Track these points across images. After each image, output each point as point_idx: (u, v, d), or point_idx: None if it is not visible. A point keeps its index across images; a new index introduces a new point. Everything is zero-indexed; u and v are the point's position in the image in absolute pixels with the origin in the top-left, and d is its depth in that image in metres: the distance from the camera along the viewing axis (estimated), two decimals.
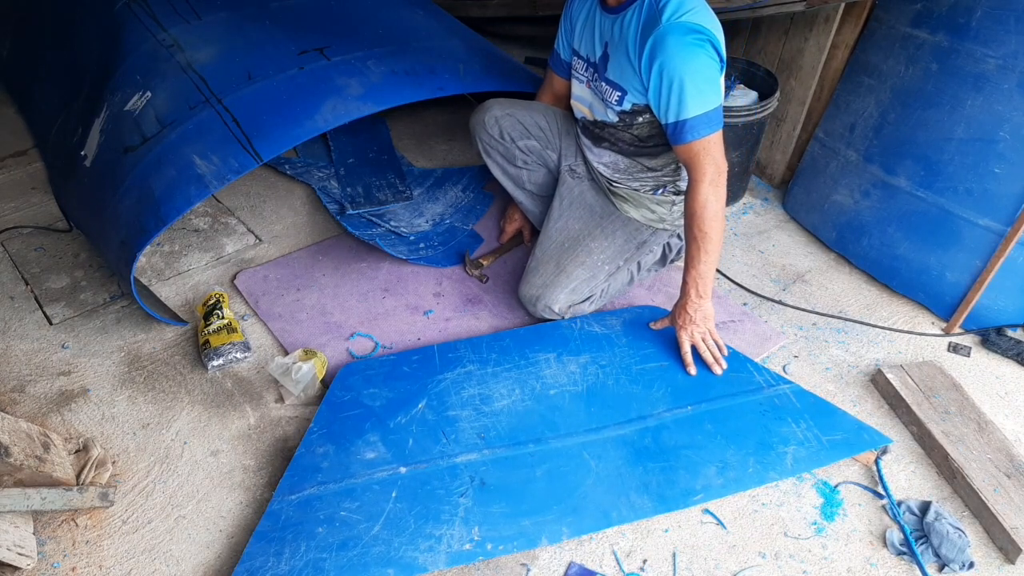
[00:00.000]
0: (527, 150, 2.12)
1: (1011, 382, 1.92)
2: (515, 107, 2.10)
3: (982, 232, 1.94)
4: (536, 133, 2.10)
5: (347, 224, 2.29)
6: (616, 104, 1.82)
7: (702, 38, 1.62)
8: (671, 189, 1.97)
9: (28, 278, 2.19)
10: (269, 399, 1.85)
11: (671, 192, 1.97)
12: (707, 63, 1.64)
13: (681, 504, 1.58)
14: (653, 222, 2.01)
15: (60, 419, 1.79)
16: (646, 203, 1.99)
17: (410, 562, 1.45)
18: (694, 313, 1.81)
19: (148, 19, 2.18)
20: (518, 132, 2.10)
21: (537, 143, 2.11)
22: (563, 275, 1.93)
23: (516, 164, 2.15)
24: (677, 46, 1.61)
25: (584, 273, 1.94)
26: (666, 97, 1.66)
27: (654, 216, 2.00)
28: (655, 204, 1.99)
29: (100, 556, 1.52)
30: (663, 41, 1.62)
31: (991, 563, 1.53)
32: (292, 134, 1.89)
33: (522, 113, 2.10)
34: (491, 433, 1.70)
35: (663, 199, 1.98)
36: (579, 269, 1.94)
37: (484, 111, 2.11)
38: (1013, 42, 1.78)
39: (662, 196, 1.98)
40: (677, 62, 1.62)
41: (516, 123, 2.09)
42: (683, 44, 1.61)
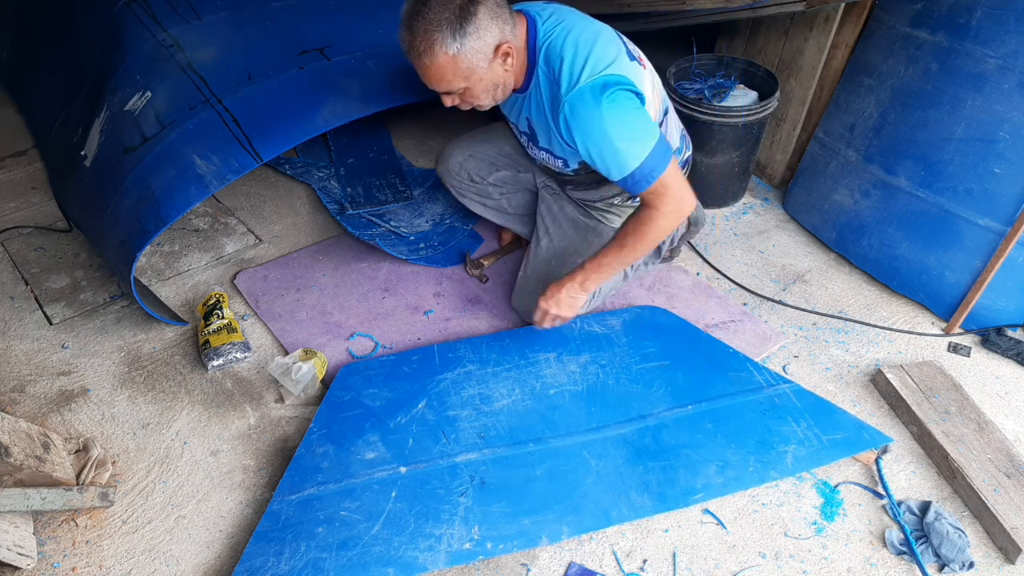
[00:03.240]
0: (500, 182, 2.08)
1: (1011, 382, 1.92)
2: (475, 144, 2.06)
3: (982, 232, 1.94)
4: (504, 162, 2.05)
5: (347, 224, 2.29)
6: (563, 167, 1.81)
7: (607, 91, 1.53)
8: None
9: (28, 278, 2.19)
10: (269, 399, 1.85)
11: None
12: (624, 114, 1.55)
13: (681, 503, 1.58)
14: None
15: (60, 419, 1.79)
16: (626, 212, 1.94)
17: (410, 561, 1.46)
18: (567, 298, 1.79)
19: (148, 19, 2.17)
20: (485, 169, 2.06)
21: (508, 171, 2.07)
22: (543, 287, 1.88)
23: (493, 198, 2.12)
24: (587, 114, 1.53)
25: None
26: (602, 162, 1.58)
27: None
28: (629, 211, 1.92)
29: (100, 556, 1.52)
30: (572, 114, 1.55)
31: (991, 563, 1.53)
32: (292, 134, 1.89)
33: (484, 148, 2.05)
34: (491, 432, 1.70)
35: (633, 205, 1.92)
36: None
37: (446, 160, 2.08)
38: (1013, 42, 1.78)
39: (631, 202, 1.92)
40: (595, 129, 1.54)
41: (480, 162, 2.06)
42: (592, 109, 1.53)
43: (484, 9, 1.46)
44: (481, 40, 1.48)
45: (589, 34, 1.59)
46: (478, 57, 1.50)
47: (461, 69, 1.50)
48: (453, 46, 1.46)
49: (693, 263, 2.29)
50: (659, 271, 2.22)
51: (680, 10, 2.39)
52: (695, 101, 2.31)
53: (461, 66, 1.50)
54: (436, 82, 1.55)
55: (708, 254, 2.31)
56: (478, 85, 1.56)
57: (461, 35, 1.45)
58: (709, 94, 2.43)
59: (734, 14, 2.30)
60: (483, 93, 1.59)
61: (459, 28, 1.44)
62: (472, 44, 1.47)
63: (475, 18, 1.45)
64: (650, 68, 1.73)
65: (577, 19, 1.63)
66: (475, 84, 1.55)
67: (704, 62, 2.54)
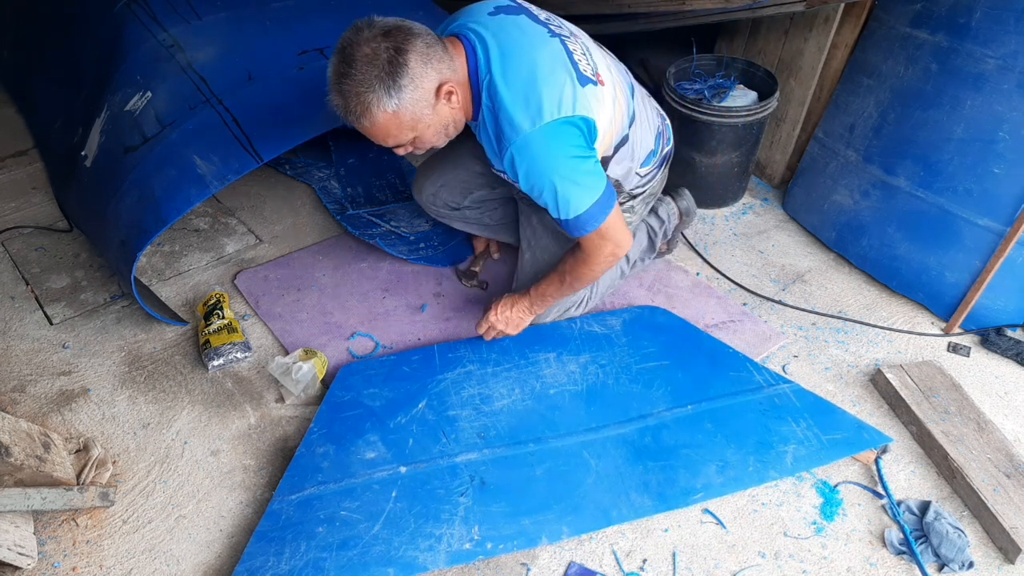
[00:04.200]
0: (476, 203, 2.03)
1: (1010, 382, 1.93)
2: (445, 171, 1.98)
3: (981, 232, 1.94)
4: (477, 182, 1.97)
5: (347, 224, 2.29)
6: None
7: (553, 139, 1.46)
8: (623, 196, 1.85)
9: (28, 278, 2.19)
10: (269, 399, 1.85)
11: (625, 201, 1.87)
12: (570, 165, 1.49)
13: (681, 503, 1.58)
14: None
15: (60, 419, 1.79)
16: None
17: (410, 561, 1.46)
18: (515, 316, 1.83)
19: (148, 19, 2.17)
20: (459, 193, 2.00)
21: (483, 191, 1.99)
22: None
23: (473, 217, 2.08)
24: (532, 162, 1.47)
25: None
26: (544, 203, 1.55)
27: None
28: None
29: (100, 556, 1.52)
30: (518, 160, 1.48)
31: (991, 563, 1.53)
32: (292, 134, 1.89)
33: (454, 174, 1.97)
34: (491, 432, 1.70)
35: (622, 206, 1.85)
36: None
37: (419, 191, 2.03)
38: (1013, 42, 1.78)
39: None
40: (539, 177, 1.49)
41: (452, 190, 1.99)
42: (537, 158, 1.46)
43: (414, 56, 1.37)
44: (419, 89, 1.39)
45: (532, 62, 1.46)
46: (419, 106, 1.42)
47: (405, 123, 1.43)
48: (391, 103, 1.37)
49: (693, 263, 2.29)
50: (659, 271, 2.22)
51: (680, 10, 2.40)
52: (695, 101, 2.31)
53: (404, 120, 1.42)
54: (383, 139, 1.47)
55: (708, 254, 2.32)
56: (427, 132, 1.49)
57: (396, 89, 1.36)
58: (709, 94, 2.43)
59: (734, 14, 2.30)
60: (435, 136, 1.52)
61: (392, 83, 1.35)
62: (410, 95, 1.38)
63: (407, 68, 1.36)
64: (611, 81, 1.59)
65: (517, 40, 1.50)
66: (424, 131, 1.48)
67: (704, 62, 2.54)
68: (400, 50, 1.35)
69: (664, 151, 1.89)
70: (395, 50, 1.35)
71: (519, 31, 1.51)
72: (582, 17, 2.51)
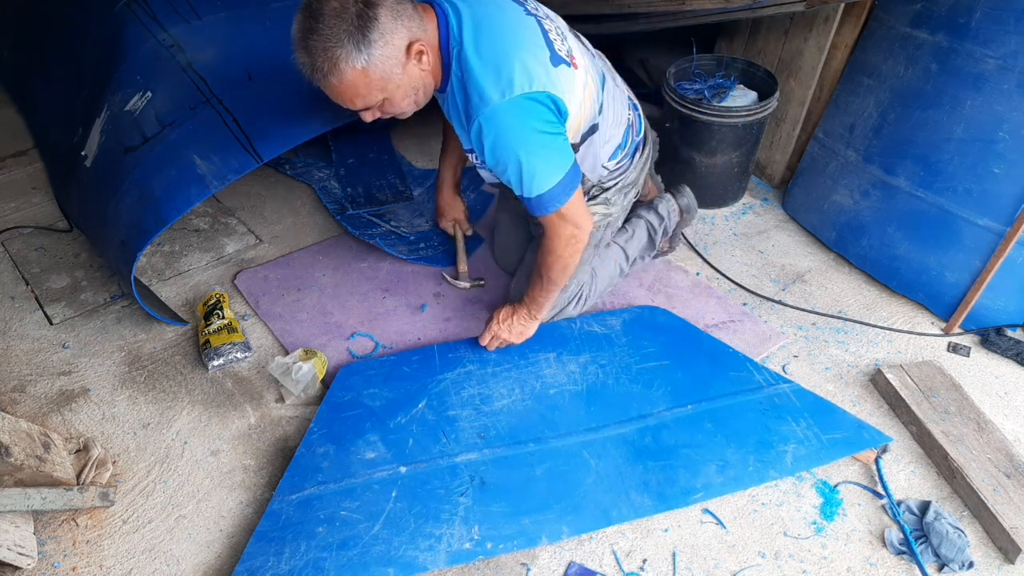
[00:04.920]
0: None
1: (1010, 382, 1.93)
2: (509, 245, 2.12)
3: (981, 232, 1.94)
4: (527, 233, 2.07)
5: (347, 224, 2.29)
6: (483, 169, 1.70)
7: (522, 112, 1.42)
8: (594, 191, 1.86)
9: (28, 278, 2.19)
10: (269, 399, 1.85)
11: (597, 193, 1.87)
12: (537, 140, 1.46)
13: (681, 503, 1.58)
14: (601, 221, 1.90)
15: (60, 419, 1.79)
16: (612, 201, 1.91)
17: (410, 561, 1.46)
18: (518, 325, 1.84)
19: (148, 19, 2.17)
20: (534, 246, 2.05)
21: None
22: None
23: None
24: (499, 135, 1.43)
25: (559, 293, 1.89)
26: (511, 179, 1.52)
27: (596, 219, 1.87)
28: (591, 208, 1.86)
29: (100, 556, 1.52)
30: (485, 132, 1.44)
31: (991, 563, 1.53)
32: (292, 134, 1.89)
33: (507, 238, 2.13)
34: (491, 432, 1.70)
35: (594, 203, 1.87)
36: None
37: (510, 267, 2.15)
38: (1012, 42, 1.78)
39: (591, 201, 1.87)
40: (505, 151, 1.45)
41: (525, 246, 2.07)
42: (504, 131, 1.43)
43: (385, 10, 1.31)
44: (389, 45, 1.33)
45: (506, 35, 1.44)
46: (390, 64, 1.36)
47: (374, 81, 1.36)
48: (360, 59, 1.31)
49: (693, 263, 2.29)
50: (659, 271, 2.22)
51: (680, 10, 2.40)
52: (695, 101, 2.31)
53: (373, 78, 1.36)
54: (351, 100, 1.41)
55: (708, 254, 2.32)
56: (397, 93, 1.43)
57: (366, 44, 1.30)
58: (709, 94, 2.43)
59: (734, 14, 2.30)
60: (403, 99, 1.46)
61: (361, 38, 1.30)
62: (380, 51, 1.33)
63: (377, 22, 1.30)
64: (584, 64, 1.57)
65: (491, 12, 1.47)
66: (393, 92, 1.42)
67: (704, 62, 2.54)
68: (370, 3, 1.30)
69: (633, 141, 1.86)
70: (364, 4, 1.29)
71: (494, 5, 1.49)
72: (582, 17, 2.51)
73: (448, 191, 2.17)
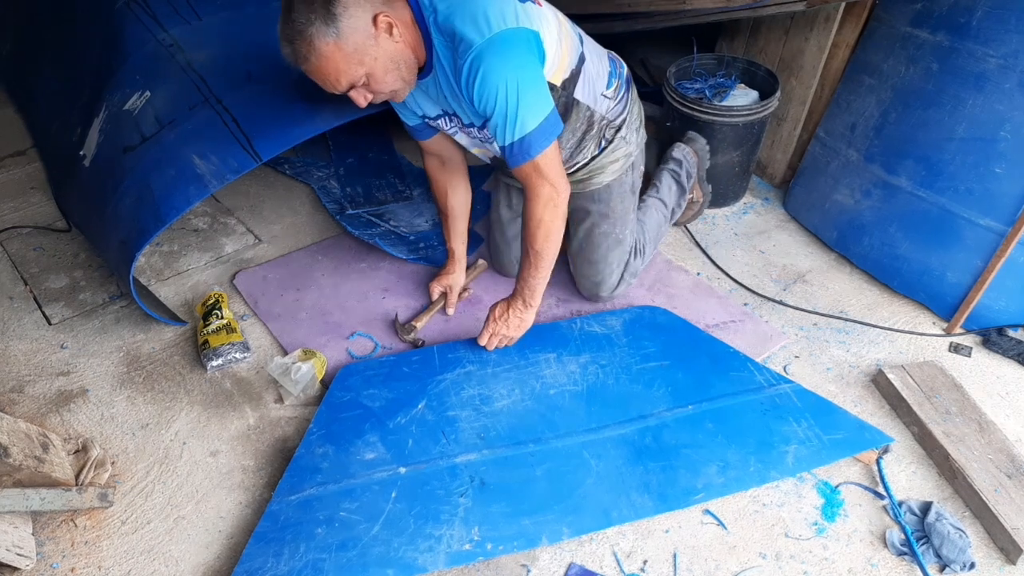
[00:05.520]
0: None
1: (1012, 382, 1.92)
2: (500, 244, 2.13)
3: (983, 232, 1.94)
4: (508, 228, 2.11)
5: (347, 223, 2.29)
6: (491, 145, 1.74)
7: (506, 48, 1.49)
8: (610, 133, 1.88)
9: (27, 278, 2.19)
10: (268, 399, 1.84)
11: (612, 135, 1.89)
12: (523, 75, 1.52)
13: (682, 503, 1.58)
14: (626, 163, 1.95)
15: (59, 419, 1.78)
16: (607, 162, 1.92)
17: (410, 562, 1.45)
18: (514, 318, 1.83)
19: (148, 19, 2.17)
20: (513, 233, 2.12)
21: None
22: (599, 265, 2.00)
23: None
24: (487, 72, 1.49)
25: (615, 250, 1.99)
26: (494, 120, 1.55)
27: (621, 162, 1.93)
28: (613, 154, 1.91)
29: (99, 556, 1.52)
30: (472, 72, 1.50)
31: (992, 563, 1.53)
32: (292, 134, 1.88)
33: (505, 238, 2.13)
34: (491, 433, 1.70)
35: (614, 145, 1.90)
36: (609, 253, 1.99)
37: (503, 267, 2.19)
38: (1014, 41, 1.78)
39: (610, 144, 1.90)
40: (493, 87, 1.50)
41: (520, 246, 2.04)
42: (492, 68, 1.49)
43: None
44: (353, 18, 1.44)
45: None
46: (359, 35, 1.46)
47: (349, 53, 1.46)
48: (330, 32, 1.43)
49: (694, 263, 2.28)
50: (659, 271, 2.22)
51: (680, 10, 2.39)
52: (696, 100, 2.31)
53: (347, 50, 1.46)
54: (335, 78, 1.49)
55: (709, 254, 2.31)
56: (376, 65, 1.50)
57: (331, 19, 1.42)
58: (710, 94, 2.42)
59: (735, 14, 2.30)
60: (386, 74, 1.53)
61: (326, 13, 1.42)
62: (347, 23, 1.43)
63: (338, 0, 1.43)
64: (551, 10, 1.65)
65: None
66: (372, 65, 1.50)
67: (705, 62, 2.54)
68: None
69: (622, 71, 1.90)
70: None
71: None
72: (582, 17, 2.50)
73: (458, 264, 2.09)
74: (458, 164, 2.00)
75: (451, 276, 2.07)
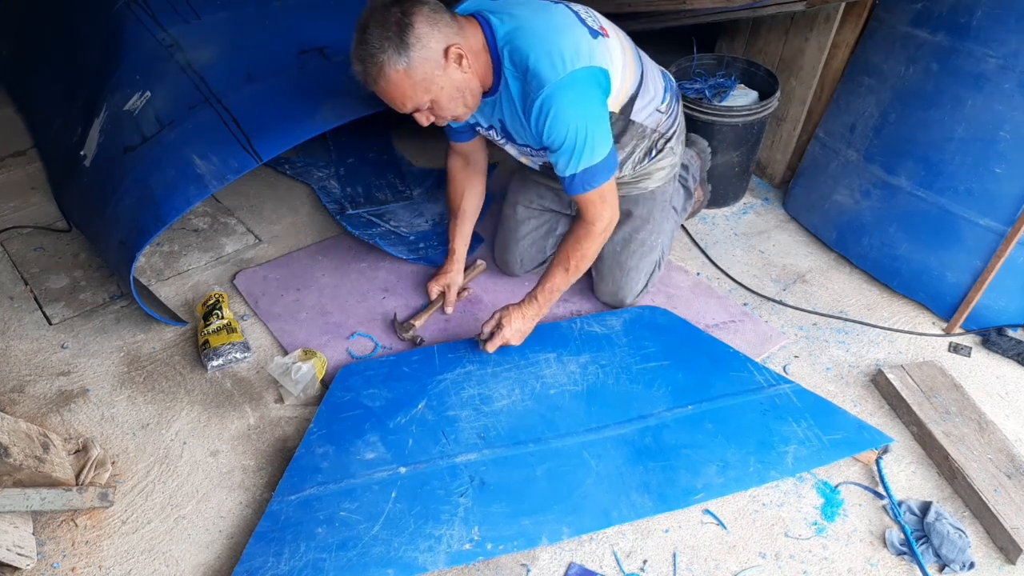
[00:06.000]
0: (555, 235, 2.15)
1: (1012, 382, 1.92)
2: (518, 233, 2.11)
3: (983, 232, 1.94)
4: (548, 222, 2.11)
5: (347, 223, 2.29)
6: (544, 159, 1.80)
7: (576, 88, 1.56)
8: (660, 143, 1.92)
9: (27, 278, 2.19)
10: (269, 399, 1.84)
11: (663, 145, 1.93)
12: (591, 115, 1.60)
13: (682, 503, 1.58)
14: (671, 172, 2.01)
15: (60, 419, 1.78)
16: (654, 168, 1.97)
17: (410, 562, 1.45)
18: (522, 325, 1.83)
19: (148, 19, 2.17)
20: (541, 244, 2.13)
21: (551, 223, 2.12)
22: (632, 272, 2.01)
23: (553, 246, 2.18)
24: (558, 111, 1.56)
25: (648, 257, 2.01)
26: (566, 151, 1.61)
27: (667, 171, 1.99)
28: (660, 162, 1.96)
29: (100, 556, 1.52)
30: (543, 110, 1.56)
31: (991, 563, 1.53)
32: (292, 134, 1.89)
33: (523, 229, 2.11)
34: (491, 433, 1.70)
35: (663, 155, 1.95)
36: (642, 260, 2.00)
37: (507, 267, 2.17)
38: (1014, 42, 1.78)
39: (659, 154, 1.94)
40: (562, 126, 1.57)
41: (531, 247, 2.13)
42: (562, 107, 1.55)
43: (420, 18, 1.48)
44: (426, 48, 1.49)
45: (546, 25, 1.58)
46: (429, 66, 1.50)
47: (417, 81, 1.51)
48: (401, 61, 1.47)
49: (694, 263, 2.29)
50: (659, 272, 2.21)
51: (680, 10, 2.40)
52: (695, 101, 2.31)
53: (416, 78, 1.51)
54: (400, 102, 1.55)
55: (708, 253, 2.31)
56: (441, 94, 1.56)
57: (404, 48, 1.47)
58: (709, 94, 2.42)
59: (734, 14, 2.30)
60: (450, 102, 1.59)
61: (400, 42, 1.46)
62: (418, 54, 1.48)
63: (413, 28, 1.47)
64: (615, 32, 1.70)
65: (526, 10, 1.61)
66: (438, 94, 1.55)
67: (704, 62, 2.54)
68: (407, 13, 1.47)
69: (673, 86, 1.96)
70: (402, 13, 1.47)
71: (525, 6, 1.63)
72: None
73: (456, 263, 2.08)
74: (481, 167, 2.04)
75: (449, 275, 2.06)
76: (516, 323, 1.82)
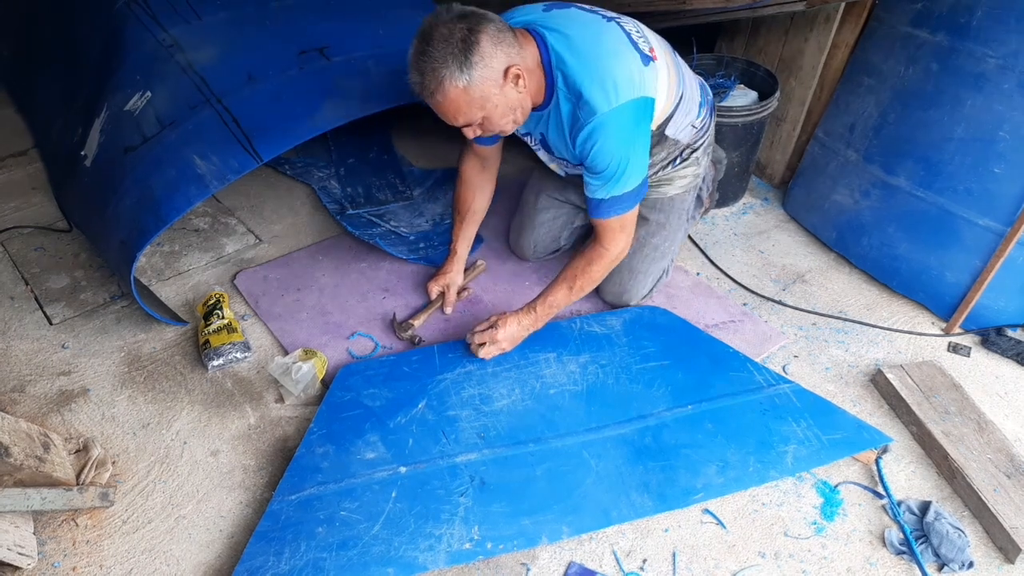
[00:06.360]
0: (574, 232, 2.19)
1: (1011, 382, 1.92)
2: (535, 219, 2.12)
3: (982, 232, 1.94)
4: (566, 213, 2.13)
5: (347, 224, 2.29)
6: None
7: (624, 118, 1.58)
8: (686, 153, 1.93)
9: (28, 278, 2.19)
10: (269, 399, 1.85)
11: (688, 155, 1.94)
12: (635, 147, 1.63)
13: (681, 503, 1.58)
14: (693, 181, 2.01)
15: (60, 419, 1.79)
16: (675, 175, 1.98)
17: (410, 561, 1.46)
18: (516, 332, 1.83)
19: (148, 19, 2.17)
20: (557, 231, 2.15)
21: (568, 216, 2.13)
22: (640, 276, 2.01)
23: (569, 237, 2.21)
24: (610, 134, 1.58)
25: (658, 263, 2.02)
26: (606, 177, 1.65)
27: (689, 179, 2.00)
28: (684, 170, 1.97)
29: (100, 556, 1.52)
30: (591, 138, 1.59)
31: (991, 563, 1.53)
32: (292, 134, 1.89)
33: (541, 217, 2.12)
34: (491, 433, 1.70)
35: (687, 163, 1.96)
36: (652, 265, 2.01)
37: (521, 251, 2.20)
38: (1013, 42, 1.78)
39: (684, 162, 1.95)
40: (614, 149, 1.60)
41: (547, 235, 2.15)
42: (616, 130, 1.58)
43: (486, 37, 1.47)
44: (488, 68, 1.48)
45: (600, 49, 1.58)
46: (488, 84, 1.50)
47: (475, 99, 1.51)
48: (462, 79, 1.46)
49: (693, 263, 2.29)
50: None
51: (680, 10, 2.40)
52: None
53: (474, 96, 1.50)
54: (453, 116, 1.55)
55: (708, 254, 2.31)
56: (495, 112, 1.56)
57: (468, 66, 1.46)
58: None
59: (734, 14, 2.30)
60: (502, 118, 1.59)
61: (465, 60, 1.45)
62: (480, 73, 1.47)
63: (478, 47, 1.45)
64: (663, 54, 1.69)
65: (580, 29, 1.61)
66: (491, 112, 1.55)
67: (704, 62, 2.54)
68: (473, 31, 1.46)
69: (709, 98, 1.97)
70: (468, 30, 1.45)
71: (580, 21, 1.63)
72: None
73: (457, 264, 2.09)
74: (495, 170, 2.05)
75: (448, 275, 2.07)
76: (511, 328, 1.82)
